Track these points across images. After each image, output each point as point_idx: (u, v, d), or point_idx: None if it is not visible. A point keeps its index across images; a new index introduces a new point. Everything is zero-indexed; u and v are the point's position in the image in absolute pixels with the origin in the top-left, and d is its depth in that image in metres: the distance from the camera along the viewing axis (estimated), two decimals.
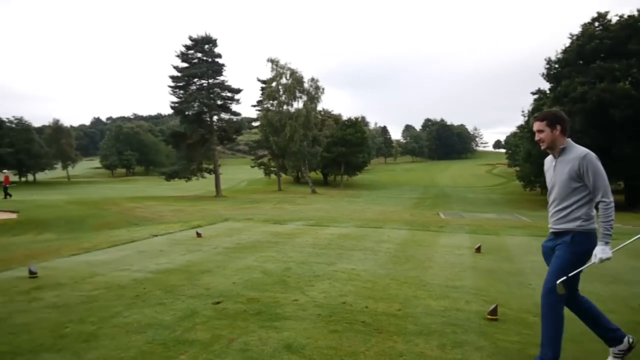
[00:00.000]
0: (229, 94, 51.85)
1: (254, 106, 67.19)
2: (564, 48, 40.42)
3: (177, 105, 49.58)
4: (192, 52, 50.38)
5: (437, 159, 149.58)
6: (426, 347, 3.74)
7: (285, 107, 55.70)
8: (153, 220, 20.25)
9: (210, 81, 50.62)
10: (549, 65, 41.48)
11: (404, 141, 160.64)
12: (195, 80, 50.45)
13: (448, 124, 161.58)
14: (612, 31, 36.80)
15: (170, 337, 3.87)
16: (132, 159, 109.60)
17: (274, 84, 55.62)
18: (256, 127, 67.07)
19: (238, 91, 52.15)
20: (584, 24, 39.80)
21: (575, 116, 35.09)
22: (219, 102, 51.05)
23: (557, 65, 40.81)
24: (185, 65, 50.30)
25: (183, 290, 5.41)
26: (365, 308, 4.80)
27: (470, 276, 6.49)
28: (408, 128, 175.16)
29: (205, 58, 50.44)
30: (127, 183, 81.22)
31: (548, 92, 42.45)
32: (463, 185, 75.55)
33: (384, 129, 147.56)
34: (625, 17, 37.36)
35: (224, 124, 52.51)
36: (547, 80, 42.40)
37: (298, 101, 56.58)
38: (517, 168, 59.99)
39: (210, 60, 50.52)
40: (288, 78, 55.49)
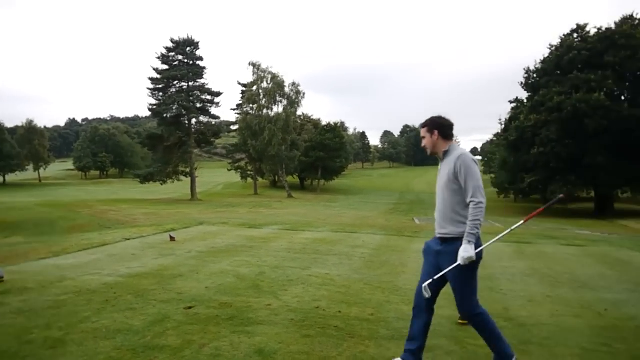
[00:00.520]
0: (208, 97, 51.61)
1: (234, 110, 67.25)
2: (542, 58, 41.23)
3: (155, 107, 49.11)
4: (172, 54, 50.04)
5: (414, 165, 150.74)
6: (398, 352, 3.75)
7: (265, 111, 55.67)
8: (126, 224, 19.97)
9: (190, 84, 50.30)
10: (527, 75, 42.26)
11: (382, 147, 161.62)
12: (175, 82, 50.08)
13: None
14: (590, 43, 37.66)
15: (140, 342, 3.81)
16: (106, 161, 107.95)
17: (254, 88, 55.56)
18: (235, 130, 66.82)
19: (218, 94, 51.93)
20: (563, 35, 40.69)
21: (551, 125, 35.82)
22: (198, 105, 50.76)
23: (535, 75, 41.59)
24: (165, 67, 49.91)
25: (154, 294, 5.34)
26: (339, 313, 4.81)
27: None
28: (386, 134, 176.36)
29: (186, 60, 50.13)
30: (101, 185, 79.99)
31: (525, 101, 43.21)
32: None
33: (362, 135, 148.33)
34: (603, 29, 38.30)
35: (203, 127, 52.18)
36: (525, 90, 43.18)
37: (278, 105, 56.72)
38: (493, 175, 60.83)
39: (191, 62, 50.22)
40: (269, 82, 55.51)
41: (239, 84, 64.58)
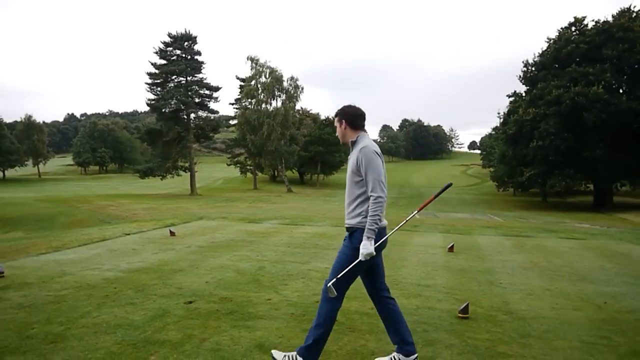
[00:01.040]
0: (207, 92, 51.50)
1: (232, 104, 66.94)
2: (541, 51, 41.14)
3: (153, 102, 49.00)
4: (170, 49, 49.89)
5: (413, 159, 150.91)
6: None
7: (263, 105, 55.53)
8: (126, 219, 19.98)
9: (188, 79, 50.18)
10: (525, 68, 42.18)
11: (381, 141, 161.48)
12: (174, 77, 49.97)
13: (425, 124, 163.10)
14: (588, 36, 37.56)
15: (140, 337, 3.81)
16: (106, 156, 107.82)
17: (253, 83, 55.39)
18: (234, 125, 66.68)
19: (217, 89, 51.81)
20: (561, 28, 40.58)
21: (549, 119, 35.78)
22: (196, 100, 50.65)
23: (533, 68, 41.51)
24: (163, 62, 49.78)
25: (155, 289, 5.35)
26: None
27: (442, 275, 6.56)
28: (385, 128, 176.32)
29: (184, 55, 49.99)
30: (100, 180, 79.91)
31: (524, 94, 43.14)
32: (438, 185, 75.93)
33: None
34: (600, 22, 38.19)
35: (201, 122, 52.11)
36: (523, 83, 43.08)
37: (277, 100, 56.56)
38: (492, 169, 60.84)
39: (189, 57, 50.08)
40: (267, 77, 55.34)
41: (238, 78, 64.48)
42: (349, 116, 3.45)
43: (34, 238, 10.77)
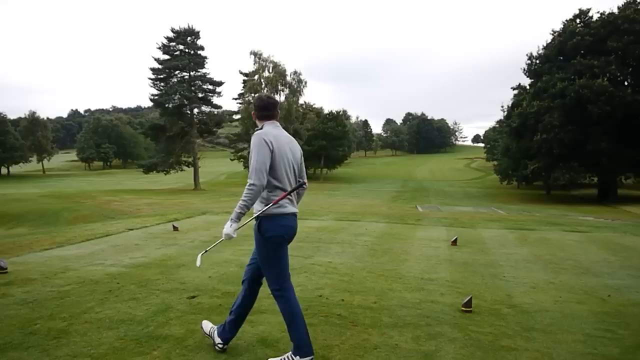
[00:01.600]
0: (210, 87, 51.42)
1: (235, 99, 66.90)
2: (545, 44, 40.94)
3: (157, 97, 48.99)
4: (173, 44, 49.79)
5: (416, 152, 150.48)
6: (400, 340, 3.76)
7: None
8: (129, 214, 20.03)
9: (191, 74, 50.10)
10: (530, 61, 42.04)
11: (385, 135, 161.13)
12: (177, 72, 49.89)
13: (429, 118, 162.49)
14: (593, 28, 37.38)
15: (143, 332, 3.81)
16: (109, 151, 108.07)
17: (256, 77, 55.35)
18: (237, 120, 66.68)
19: (220, 84, 51.72)
20: (566, 21, 40.36)
21: (553, 111, 35.66)
22: (200, 95, 50.59)
23: (538, 61, 41.37)
24: (166, 57, 49.68)
25: (158, 284, 5.35)
26: (341, 301, 4.81)
27: (445, 269, 6.55)
28: (389, 122, 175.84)
29: (187, 50, 49.88)
30: (104, 176, 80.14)
31: (528, 87, 43.00)
32: (441, 179, 76.24)
33: (365, 123, 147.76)
34: (606, 14, 37.93)
35: (205, 117, 52.06)
36: (527, 76, 42.94)
37: (280, 94, 56.41)
38: (495, 162, 60.71)
39: (192, 52, 49.98)
40: (270, 71, 55.28)
41: (241, 73, 64.41)
42: (256, 107, 3.48)
43: (38, 234, 10.80)
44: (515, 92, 45.12)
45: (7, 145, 76.75)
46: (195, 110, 50.95)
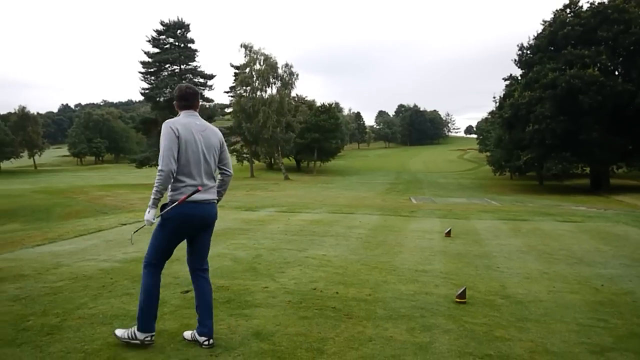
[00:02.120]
0: (201, 80, 51.19)
1: (227, 92, 66.67)
2: (536, 34, 40.99)
3: (148, 91, 48.75)
4: (163, 37, 49.47)
5: (409, 144, 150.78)
6: (395, 332, 3.76)
7: (258, 93, 55.27)
8: (122, 209, 19.93)
9: (182, 67, 49.84)
10: (521, 51, 42.10)
11: (378, 127, 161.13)
12: (167, 66, 49.62)
13: (421, 109, 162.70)
14: (583, 18, 37.42)
15: None
16: (101, 146, 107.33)
17: (247, 70, 55.06)
18: (229, 113, 66.47)
19: (211, 77, 51.52)
20: (556, 10, 40.39)
21: (545, 102, 35.77)
22: None
23: (528, 52, 41.43)
24: (156, 50, 49.37)
25: None
26: (336, 294, 4.80)
27: (439, 260, 6.57)
28: (381, 114, 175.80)
29: (177, 43, 49.58)
30: (96, 171, 79.65)
31: (519, 78, 43.07)
32: (435, 170, 76.43)
33: (357, 115, 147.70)
34: (596, 3, 37.99)
35: None
36: (518, 66, 43.03)
37: (272, 87, 56.28)
38: (488, 153, 60.89)
39: (182, 45, 49.69)
40: (262, 64, 54.98)
41: (232, 66, 63.98)
42: (176, 97, 3.57)
43: (30, 230, 10.73)
44: (507, 82, 45.19)
45: None
46: None
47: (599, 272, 5.91)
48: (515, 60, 42.71)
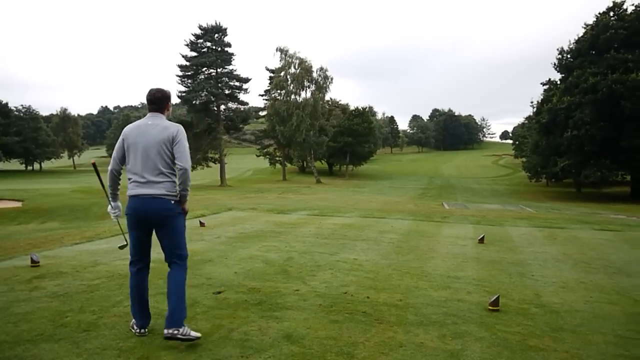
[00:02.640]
0: (237, 84, 51.89)
1: (262, 95, 67.22)
2: (577, 38, 39.98)
3: (184, 94, 49.66)
4: (201, 41, 50.38)
5: (443, 149, 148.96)
6: (426, 338, 3.72)
7: (293, 96, 55.55)
8: None
9: (218, 70, 50.62)
10: (560, 55, 41.11)
11: (411, 131, 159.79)
12: (204, 69, 50.48)
13: (456, 114, 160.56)
14: (628, 21, 36.30)
15: None
16: None
17: (282, 74, 55.41)
18: (263, 116, 67.03)
19: (246, 80, 52.12)
20: (599, 14, 39.32)
21: (585, 107, 34.82)
22: (226, 92, 51.10)
23: (569, 55, 40.42)
24: (194, 54, 50.32)
25: None
26: (367, 298, 4.79)
27: (472, 267, 6.47)
28: (415, 118, 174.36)
29: (214, 47, 50.40)
30: None
31: (558, 82, 42.07)
32: (468, 175, 75.30)
33: (391, 119, 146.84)
34: None
35: (231, 114, 52.57)
36: (558, 71, 42.01)
37: (306, 91, 56.48)
38: (524, 159, 59.63)
39: (219, 49, 50.48)
40: (297, 67, 55.28)
41: (267, 69, 64.61)
42: (147, 100, 3.89)
43: (69, 228, 11.06)
44: (545, 87, 44.20)
45: (40, 142, 78.61)
46: (222, 107, 51.48)
47: (639, 283, 5.71)
48: (554, 64, 41.73)
